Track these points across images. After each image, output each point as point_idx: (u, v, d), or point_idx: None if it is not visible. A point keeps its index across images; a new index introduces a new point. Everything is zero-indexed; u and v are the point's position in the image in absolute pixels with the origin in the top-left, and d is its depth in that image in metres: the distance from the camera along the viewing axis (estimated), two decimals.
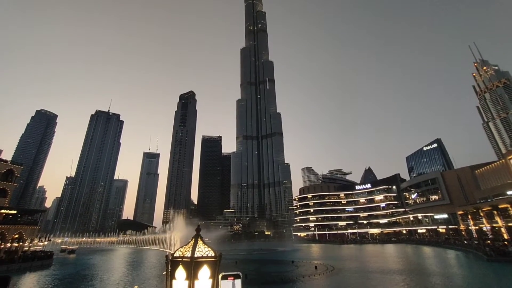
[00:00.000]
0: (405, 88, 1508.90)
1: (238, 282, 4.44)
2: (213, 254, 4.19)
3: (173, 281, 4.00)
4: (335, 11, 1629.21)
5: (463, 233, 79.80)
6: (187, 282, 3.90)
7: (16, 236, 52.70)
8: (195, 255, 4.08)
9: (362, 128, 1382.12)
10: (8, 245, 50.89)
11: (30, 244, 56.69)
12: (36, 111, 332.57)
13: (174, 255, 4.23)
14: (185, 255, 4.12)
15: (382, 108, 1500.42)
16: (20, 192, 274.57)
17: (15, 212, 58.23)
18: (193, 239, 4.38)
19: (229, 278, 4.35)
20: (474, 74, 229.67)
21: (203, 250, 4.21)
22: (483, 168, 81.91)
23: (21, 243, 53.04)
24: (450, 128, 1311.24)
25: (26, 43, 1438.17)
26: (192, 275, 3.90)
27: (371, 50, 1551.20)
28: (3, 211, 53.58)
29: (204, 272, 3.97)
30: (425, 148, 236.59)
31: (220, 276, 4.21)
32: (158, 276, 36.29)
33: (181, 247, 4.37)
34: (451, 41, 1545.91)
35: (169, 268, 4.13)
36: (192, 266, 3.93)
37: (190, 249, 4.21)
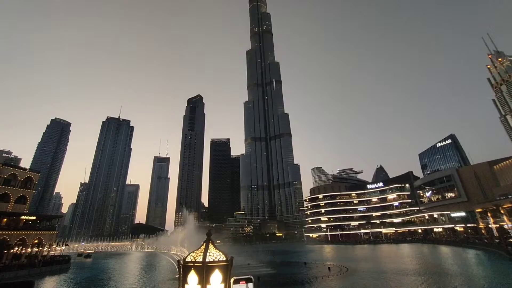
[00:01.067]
0: (414, 84, 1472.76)
1: (250, 286, 4.42)
2: (224, 258, 4.20)
3: (186, 285, 4.05)
4: (339, 11, 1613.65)
5: (482, 231, 76.67)
6: (199, 287, 3.94)
7: (36, 241, 54.62)
8: (207, 260, 4.11)
9: (372, 126, 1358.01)
10: (29, 250, 52.83)
11: (49, 249, 58.60)
12: (51, 119, 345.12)
13: (186, 260, 4.29)
14: (197, 260, 4.15)
15: (392, 105, 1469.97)
16: (38, 198, 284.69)
17: (34, 218, 60.48)
18: (204, 244, 4.42)
19: (241, 282, 4.34)
20: (488, 66, 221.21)
21: (215, 255, 4.23)
22: (502, 163, 78.61)
23: (40, 248, 54.92)
24: (464, 123, 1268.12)
25: (37, 51, 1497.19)
26: (204, 280, 3.94)
27: (378, 49, 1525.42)
28: (23, 217, 55.75)
29: (216, 277, 3.99)
30: (438, 145, 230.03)
31: (232, 280, 4.21)
32: (170, 280, 36.70)
33: (193, 251, 4.42)
34: (462, 34, 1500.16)
35: (181, 273, 4.18)
36: (204, 271, 3.95)
37: (202, 253, 4.24)
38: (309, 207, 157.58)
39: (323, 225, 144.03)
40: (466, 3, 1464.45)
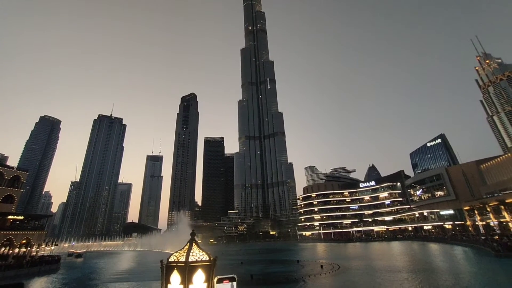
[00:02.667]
0: (406, 85, 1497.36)
1: (234, 284, 4.44)
2: (207, 258, 4.24)
3: (168, 285, 4.09)
4: (333, 10, 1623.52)
5: (470, 229, 78.87)
6: (181, 286, 3.97)
7: (24, 241, 53.35)
8: (190, 260, 4.13)
9: (364, 125, 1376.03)
10: (16, 250, 51.51)
11: (38, 249, 57.28)
12: (40, 117, 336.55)
13: (169, 260, 4.31)
14: (180, 260, 4.18)
15: (384, 105, 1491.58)
16: (26, 198, 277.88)
17: (22, 217, 59.06)
18: (188, 244, 4.44)
19: (224, 282, 4.35)
20: (476, 67, 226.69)
21: (198, 255, 4.26)
22: (488, 163, 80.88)
23: (28, 248, 53.62)
24: (453, 123, 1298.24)
25: (28, 48, 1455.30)
26: (186, 280, 3.96)
27: (371, 49, 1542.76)
28: (10, 217, 54.33)
29: (199, 276, 4.02)
30: (429, 144, 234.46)
31: (215, 280, 4.24)
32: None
33: (176, 251, 4.46)
34: (451, 37, 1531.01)
35: (164, 273, 4.21)
36: (187, 271, 3.98)
37: (185, 253, 4.27)
38: (303, 205, 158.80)
39: (316, 224, 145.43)
40: (456, 5, 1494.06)
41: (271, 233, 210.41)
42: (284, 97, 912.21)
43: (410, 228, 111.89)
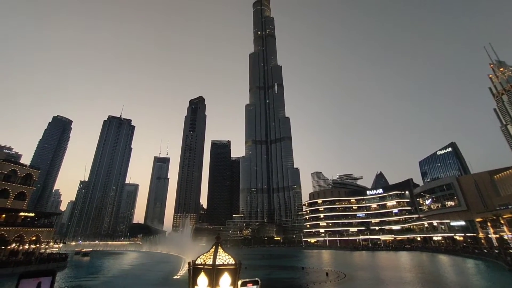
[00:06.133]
0: (416, 91, 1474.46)
1: None
2: (233, 262, 4.34)
3: (195, 287, 4.18)
4: (343, 18, 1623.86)
5: (482, 241, 76.31)
6: None
7: (34, 238, 54.51)
8: (217, 263, 4.24)
9: (372, 132, 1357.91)
10: (26, 246, 52.69)
11: (47, 246, 58.41)
12: (53, 117, 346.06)
13: (196, 262, 4.39)
14: (207, 263, 4.29)
15: (393, 112, 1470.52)
16: (37, 195, 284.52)
17: (33, 214, 60.51)
18: (214, 247, 4.55)
19: (248, 285, 4.46)
20: (490, 75, 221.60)
21: (224, 258, 4.35)
22: (502, 173, 78.50)
23: (38, 245, 54.79)
24: (465, 131, 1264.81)
25: (43, 49, 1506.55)
26: (213, 282, 4.07)
27: (381, 56, 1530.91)
28: (22, 213, 55.73)
29: (225, 279, 4.12)
30: (439, 152, 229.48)
31: (239, 283, 4.35)
32: (167, 279, 36.56)
33: (202, 254, 4.55)
34: (464, 43, 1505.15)
35: (191, 274, 4.31)
36: (214, 274, 4.10)
37: (212, 256, 4.37)
38: (308, 211, 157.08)
39: (322, 230, 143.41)
40: (470, 12, 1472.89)
41: (275, 238, 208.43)
42: (291, 102, 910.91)
43: (418, 238, 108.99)
